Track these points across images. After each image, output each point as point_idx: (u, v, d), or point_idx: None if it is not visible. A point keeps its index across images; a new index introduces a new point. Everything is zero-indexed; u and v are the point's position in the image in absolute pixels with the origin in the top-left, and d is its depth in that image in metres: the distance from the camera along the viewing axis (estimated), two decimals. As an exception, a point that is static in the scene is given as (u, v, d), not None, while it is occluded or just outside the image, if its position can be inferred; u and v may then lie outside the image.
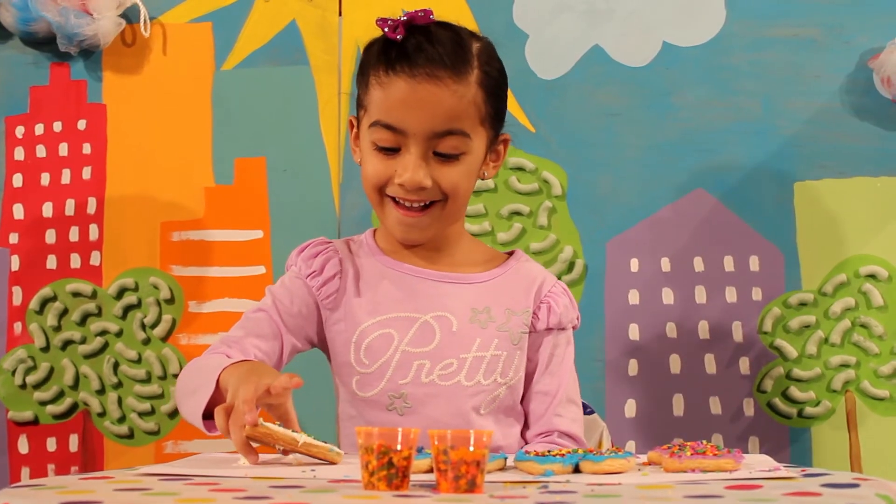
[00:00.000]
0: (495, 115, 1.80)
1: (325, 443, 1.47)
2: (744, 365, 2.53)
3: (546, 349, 1.84)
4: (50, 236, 2.62)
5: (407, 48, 1.72)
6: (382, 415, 1.77)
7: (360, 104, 1.80)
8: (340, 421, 1.84)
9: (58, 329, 2.59)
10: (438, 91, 1.71)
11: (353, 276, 1.82)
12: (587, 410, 2.05)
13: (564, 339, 1.86)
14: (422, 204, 1.76)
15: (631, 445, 2.51)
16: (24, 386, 2.58)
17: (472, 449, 1.22)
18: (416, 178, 1.72)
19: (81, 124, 2.64)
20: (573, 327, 1.88)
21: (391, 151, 1.74)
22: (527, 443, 1.83)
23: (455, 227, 1.84)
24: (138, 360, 2.58)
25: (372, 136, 1.75)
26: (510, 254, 1.90)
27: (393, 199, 1.77)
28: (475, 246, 1.90)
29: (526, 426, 1.85)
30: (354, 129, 1.84)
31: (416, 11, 1.74)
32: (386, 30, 1.74)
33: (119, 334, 2.59)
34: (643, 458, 1.51)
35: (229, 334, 1.78)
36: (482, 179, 1.84)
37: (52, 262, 2.61)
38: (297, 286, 1.83)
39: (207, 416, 1.59)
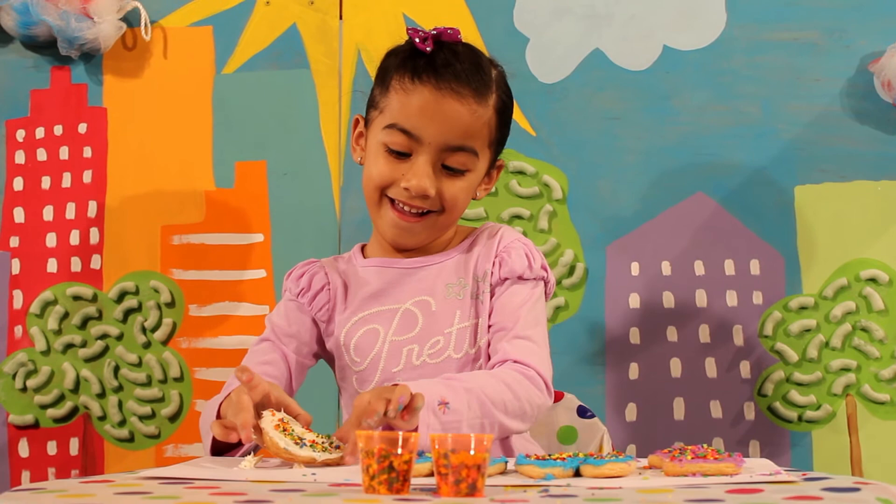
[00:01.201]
0: (500, 140, 1.88)
1: (337, 447, 1.51)
2: (744, 369, 2.53)
3: (498, 298, 1.83)
4: (50, 240, 2.62)
5: (435, 61, 1.79)
6: None
7: (374, 105, 1.85)
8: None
9: (58, 332, 2.59)
10: (460, 107, 1.78)
11: (340, 286, 1.89)
12: (587, 414, 2.05)
13: (524, 289, 1.84)
14: (420, 211, 1.81)
15: (631, 449, 2.51)
16: (24, 389, 2.58)
17: (472, 453, 1.22)
18: (423, 186, 1.78)
19: (82, 128, 2.64)
20: (542, 280, 1.86)
21: (401, 156, 1.80)
22: None
23: (445, 234, 1.90)
24: (139, 364, 2.58)
25: (385, 138, 1.80)
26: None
27: (392, 201, 1.82)
28: (453, 230, 1.93)
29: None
30: (359, 128, 1.88)
31: (445, 28, 1.81)
32: (417, 40, 1.80)
33: (120, 338, 2.59)
34: (644, 461, 1.51)
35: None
36: (473, 200, 1.89)
37: (52, 265, 2.61)
38: (290, 308, 1.91)
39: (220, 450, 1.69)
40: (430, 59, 1.79)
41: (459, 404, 1.63)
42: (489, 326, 1.83)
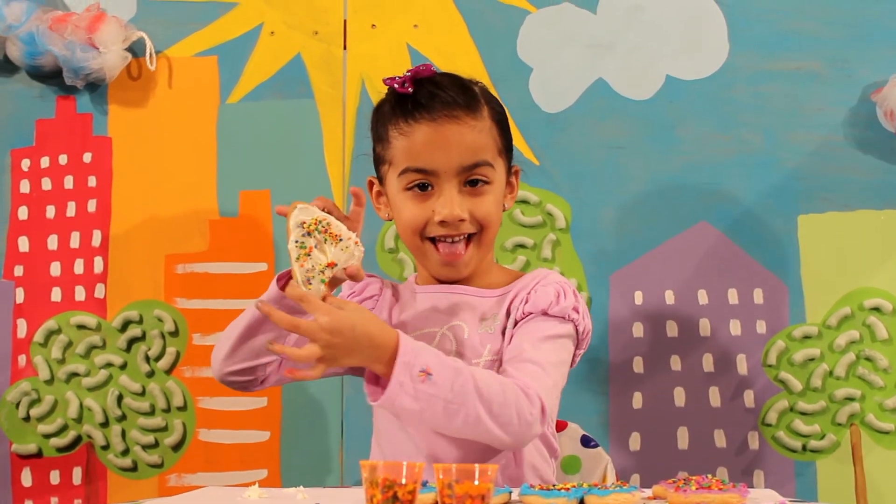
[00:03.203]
0: (507, 146, 1.91)
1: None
2: (748, 398, 2.53)
3: (518, 328, 1.82)
4: (55, 269, 2.62)
5: (420, 98, 1.83)
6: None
7: (381, 161, 1.89)
8: (375, 433, 1.90)
9: (62, 361, 2.59)
10: (460, 129, 1.82)
11: (390, 299, 1.94)
12: (591, 444, 2.05)
13: (546, 324, 1.81)
14: (463, 236, 1.84)
15: (635, 479, 2.50)
16: (27, 418, 2.58)
17: (476, 483, 1.22)
18: (455, 213, 1.81)
19: (87, 157, 2.65)
20: (570, 320, 1.83)
21: (423, 192, 1.83)
22: None
23: (487, 257, 1.92)
24: (142, 393, 2.58)
25: (402, 183, 1.84)
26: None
27: (432, 240, 1.85)
28: (501, 271, 1.96)
29: None
30: (375, 188, 1.92)
31: (418, 66, 1.86)
32: (395, 86, 1.84)
33: (123, 367, 2.59)
34: (648, 492, 1.50)
35: None
36: (504, 210, 1.92)
37: (56, 294, 2.61)
38: None
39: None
40: (414, 98, 1.83)
41: (443, 380, 1.63)
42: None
